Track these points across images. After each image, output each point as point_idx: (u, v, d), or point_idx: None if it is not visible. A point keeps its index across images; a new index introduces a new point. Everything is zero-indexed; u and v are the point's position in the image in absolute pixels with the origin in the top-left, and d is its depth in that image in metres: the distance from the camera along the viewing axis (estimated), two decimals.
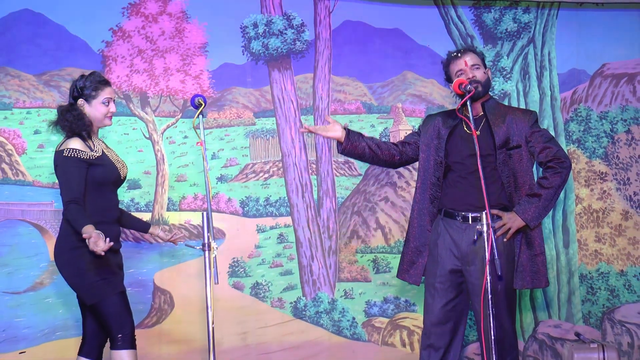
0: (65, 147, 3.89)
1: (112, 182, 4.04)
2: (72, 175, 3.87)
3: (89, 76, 4.05)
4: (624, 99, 5.51)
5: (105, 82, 4.05)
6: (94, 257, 3.80)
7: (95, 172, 3.93)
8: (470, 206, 4.09)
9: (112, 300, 3.91)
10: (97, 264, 3.86)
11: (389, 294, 5.31)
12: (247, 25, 5.25)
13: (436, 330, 4.18)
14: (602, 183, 5.50)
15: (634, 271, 5.47)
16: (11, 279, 4.87)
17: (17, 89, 4.96)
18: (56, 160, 3.94)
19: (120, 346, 3.91)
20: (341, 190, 5.35)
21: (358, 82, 5.41)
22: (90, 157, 3.91)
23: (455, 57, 4.19)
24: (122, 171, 4.09)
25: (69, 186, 3.86)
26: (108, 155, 4.05)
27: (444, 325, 4.17)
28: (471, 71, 4.11)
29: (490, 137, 4.11)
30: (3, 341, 4.82)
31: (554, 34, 5.50)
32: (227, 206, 5.21)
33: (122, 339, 3.91)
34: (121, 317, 3.92)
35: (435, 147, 4.19)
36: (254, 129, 5.27)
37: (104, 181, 3.97)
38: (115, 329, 3.92)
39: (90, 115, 4.00)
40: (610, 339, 5.42)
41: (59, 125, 3.99)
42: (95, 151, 3.96)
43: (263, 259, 5.23)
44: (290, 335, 5.22)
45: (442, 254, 4.15)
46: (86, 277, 3.89)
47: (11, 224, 4.90)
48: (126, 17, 5.09)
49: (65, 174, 3.88)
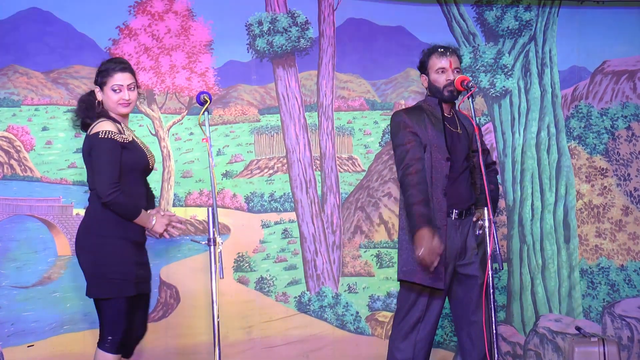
0: (100, 130, 3.79)
1: (142, 170, 3.94)
2: (113, 156, 3.77)
3: (107, 61, 3.95)
4: (625, 96, 5.54)
5: (117, 68, 3.89)
6: (116, 251, 3.79)
7: (127, 157, 3.83)
8: (464, 203, 4.15)
9: (114, 303, 3.82)
10: (116, 260, 3.81)
11: (392, 289, 5.34)
12: (252, 23, 5.28)
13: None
14: (602, 179, 5.53)
15: (634, 266, 5.50)
16: (20, 273, 4.88)
17: (25, 86, 4.98)
18: (91, 144, 3.82)
19: (107, 348, 3.84)
20: (345, 186, 5.38)
21: (362, 79, 5.44)
22: (123, 140, 3.83)
23: (442, 53, 4.18)
24: (151, 160, 4.01)
25: (109, 169, 3.75)
26: (138, 142, 3.98)
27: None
28: (452, 73, 4.15)
29: (467, 139, 4.18)
30: (12, 335, 4.84)
31: (554, 32, 5.53)
32: (232, 202, 5.25)
33: (111, 343, 3.84)
34: (116, 323, 3.84)
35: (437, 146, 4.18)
36: (259, 125, 5.31)
37: (135, 167, 3.87)
38: (107, 331, 3.85)
39: (105, 103, 3.93)
40: (610, 333, 5.44)
41: (76, 113, 3.97)
42: (126, 136, 3.87)
43: (268, 253, 5.27)
44: (295, 329, 5.26)
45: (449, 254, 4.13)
46: (100, 269, 3.82)
47: (20, 219, 4.92)
48: (133, 15, 5.13)
49: (104, 156, 3.76)
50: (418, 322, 4.15)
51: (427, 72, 4.21)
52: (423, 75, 4.26)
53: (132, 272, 3.85)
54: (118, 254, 3.81)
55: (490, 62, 5.48)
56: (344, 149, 5.39)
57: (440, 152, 4.11)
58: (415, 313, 4.15)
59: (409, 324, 4.16)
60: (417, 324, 4.15)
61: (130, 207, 3.81)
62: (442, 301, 4.17)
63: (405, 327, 4.17)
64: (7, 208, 4.91)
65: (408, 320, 4.16)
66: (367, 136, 5.42)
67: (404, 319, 4.17)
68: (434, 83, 4.17)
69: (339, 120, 5.39)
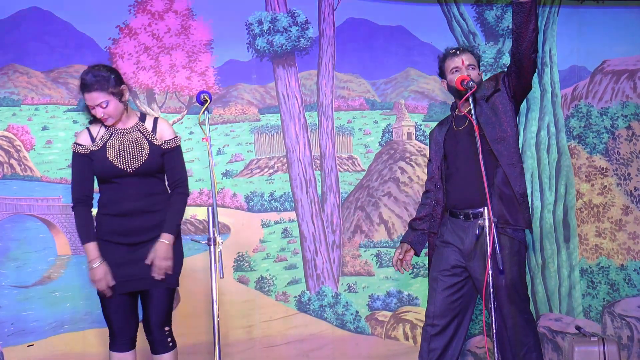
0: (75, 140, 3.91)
1: (110, 177, 3.89)
2: (75, 169, 3.89)
3: (82, 74, 3.90)
4: (625, 95, 5.55)
5: (84, 90, 3.83)
6: (102, 254, 3.87)
7: (94, 166, 3.89)
8: (469, 203, 4.14)
9: (101, 302, 3.94)
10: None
11: (392, 288, 5.35)
12: (252, 23, 5.29)
13: (438, 322, 4.20)
14: (602, 178, 5.53)
15: (633, 265, 5.51)
16: (20, 273, 4.90)
17: (25, 85, 4.99)
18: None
19: (109, 346, 4.00)
20: (345, 186, 5.39)
21: (361, 79, 5.44)
22: (86, 150, 3.87)
23: (453, 54, 4.22)
24: (123, 165, 3.87)
25: (72, 182, 3.89)
26: (109, 147, 3.88)
27: (446, 318, 4.18)
28: (466, 70, 4.15)
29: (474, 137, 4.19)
30: (12, 334, 4.85)
31: (554, 31, 5.54)
32: (232, 201, 5.25)
33: (109, 338, 3.99)
34: (107, 321, 3.96)
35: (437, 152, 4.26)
36: (259, 125, 5.31)
37: (100, 175, 3.91)
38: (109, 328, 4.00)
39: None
40: (610, 333, 5.45)
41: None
42: (95, 144, 3.88)
43: (268, 253, 5.27)
44: (295, 328, 5.26)
45: (447, 250, 4.16)
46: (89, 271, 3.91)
47: (20, 218, 4.93)
48: (133, 14, 5.13)
49: (72, 168, 3.91)
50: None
51: (445, 76, 4.23)
52: (443, 80, 4.28)
53: (116, 273, 3.89)
54: (103, 256, 3.89)
55: (490, 61, 5.48)
56: (343, 148, 5.40)
57: (438, 154, 4.23)
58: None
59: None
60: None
61: (79, 228, 3.88)
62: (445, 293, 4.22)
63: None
64: (7, 207, 4.91)
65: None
66: (367, 136, 5.42)
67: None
68: (451, 83, 4.19)
69: (339, 120, 5.39)
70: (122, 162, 3.88)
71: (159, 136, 3.96)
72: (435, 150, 4.26)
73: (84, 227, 3.88)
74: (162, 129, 3.98)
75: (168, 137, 3.97)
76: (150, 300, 3.94)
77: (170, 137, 3.98)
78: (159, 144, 3.95)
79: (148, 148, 3.92)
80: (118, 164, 3.87)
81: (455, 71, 4.15)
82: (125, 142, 3.91)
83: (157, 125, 3.99)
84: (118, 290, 3.88)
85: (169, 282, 3.92)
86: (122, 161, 3.88)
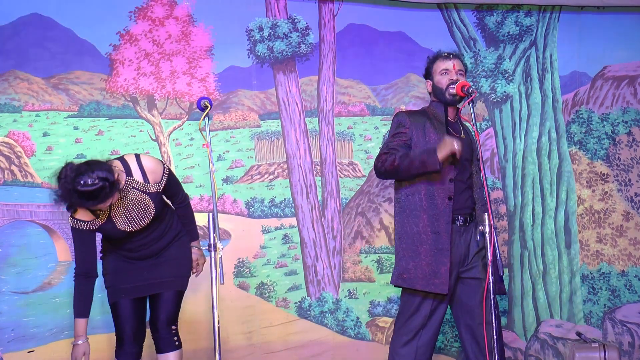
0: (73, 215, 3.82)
1: (122, 238, 3.92)
2: (77, 242, 3.84)
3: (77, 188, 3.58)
4: (625, 101, 5.55)
5: (87, 202, 3.60)
6: (107, 265, 3.98)
7: (101, 230, 3.87)
8: (467, 209, 4.15)
9: (118, 310, 3.98)
10: (114, 270, 3.99)
11: (392, 294, 5.35)
12: (253, 29, 5.29)
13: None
14: (603, 184, 5.53)
15: (634, 271, 5.50)
16: (20, 279, 4.89)
17: (26, 92, 4.99)
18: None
19: (116, 354, 4.02)
20: (345, 192, 5.39)
21: (362, 85, 5.45)
22: (89, 227, 3.81)
23: (445, 57, 4.23)
24: (135, 227, 3.88)
25: (75, 254, 3.88)
26: (115, 218, 3.83)
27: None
28: (456, 75, 4.16)
29: (469, 145, 4.20)
30: (12, 340, 4.84)
31: (555, 37, 5.54)
32: (232, 207, 5.25)
33: (115, 345, 4.02)
34: (115, 327, 4.01)
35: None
36: (259, 130, 5.31)
37: (108, 237, 3.96)
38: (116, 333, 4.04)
39: None
40: (611, 339, 5.44)
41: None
42: (100, 218, 3.82)
43: (268, 259, 5.27)
44: (295, 334, 5.26)
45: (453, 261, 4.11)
46: (105, 280, 4.01)
47: (20, 224, 4.93)
48: (133, 20, 5.14)
49: (73, 241, 3.86)
50: (421, 327, 4.14)
51: (431, 77, 4.24)
52: (428, 81, 4.28)
53: (108, 281, 4.01)
54: (108, 267, 4.01)
55: (491, 67, 5.48)
56: (344, 154, 5.40)
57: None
58: (417, 319, 4.13)
59: (410, 329, 4.14)
60: (420, 330, 4.14)
61: (76, 300, 3.86)
62: (445, 306, 4.17)
63: (406, 333, 4.15)
64: (8, 214, 4.91)
65: (410, 325, 4.15)
66: (368, 141, 5.43)
67: (405, 324, 4.16)
68: (437, 84, 4.19)
69: (339, 126, 5.39)
70: (133, 225, 3.88)
71: (152, 181, 3.87)
72: (424, 143, 4.13)
73: (81, 302, 3.86)
74: (150, 172, 3.87)
75: (159, 177, 3.89)
76: (160, 300, 4.02)
77: (160, 174, 3.89)
78: (155, 189, 3.88)
79: (151, 202, 3.88)
80: (131, 228, 3.88)
81: (444, 73, 4.17)
82: (129, 207, 3.84)
83: (144, 169, 3.86)
84: (132, 294, 3.96)
85: (180, 284, 4.04)
86: (133, 225, 3.88)
